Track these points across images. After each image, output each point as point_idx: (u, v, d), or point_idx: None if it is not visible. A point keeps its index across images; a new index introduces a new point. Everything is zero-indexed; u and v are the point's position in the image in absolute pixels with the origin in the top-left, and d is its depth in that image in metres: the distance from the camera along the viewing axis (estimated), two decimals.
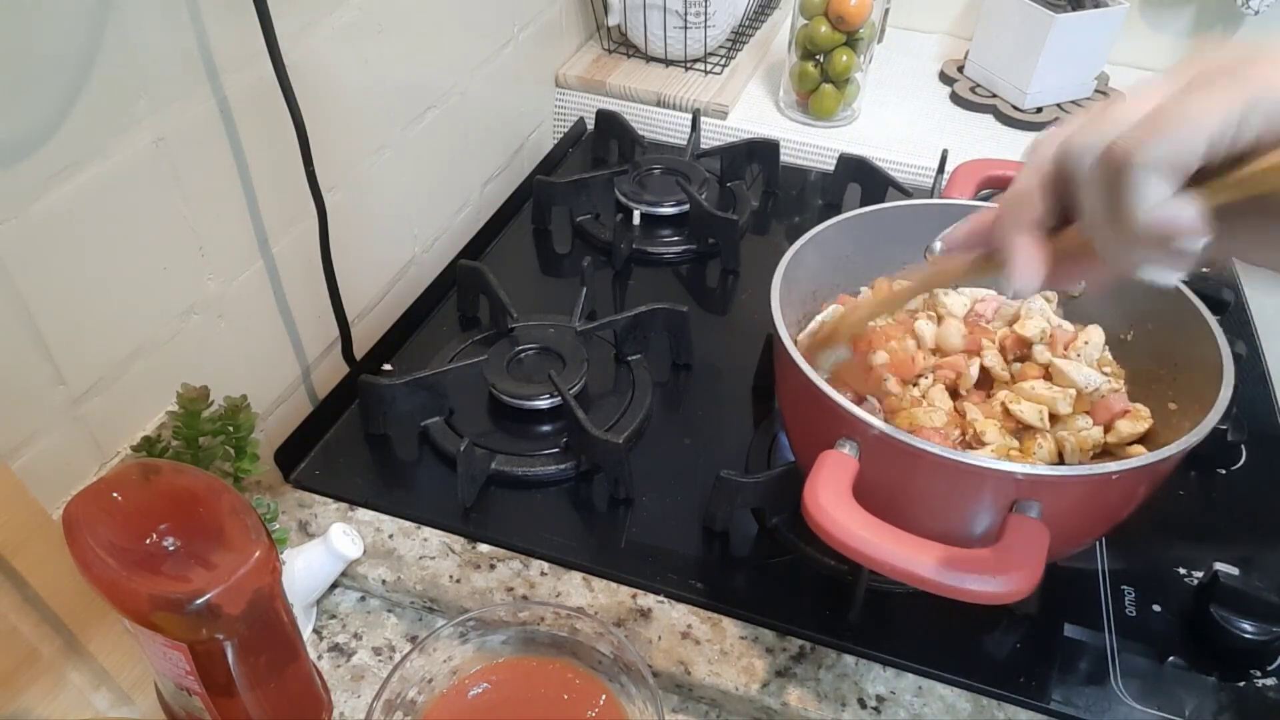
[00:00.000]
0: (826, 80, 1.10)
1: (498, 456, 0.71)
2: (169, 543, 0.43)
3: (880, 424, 0.51)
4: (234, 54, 0.62)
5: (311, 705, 0.53)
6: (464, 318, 0.87)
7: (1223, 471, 0.73)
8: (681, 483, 0.71)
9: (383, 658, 0.62)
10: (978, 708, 0.57)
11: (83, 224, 0.54)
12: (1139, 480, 0.53)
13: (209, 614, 0.42)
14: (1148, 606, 0.62)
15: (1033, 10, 1.10)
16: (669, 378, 0.81)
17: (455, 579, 0.64)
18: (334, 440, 0.74)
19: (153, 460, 0.57)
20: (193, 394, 0.59)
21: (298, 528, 0.67)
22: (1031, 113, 1.15)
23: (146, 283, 0.60)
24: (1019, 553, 0.47)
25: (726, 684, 0.58)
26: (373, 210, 0.83)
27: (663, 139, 1.15)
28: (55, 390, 0.55)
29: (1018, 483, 0.49)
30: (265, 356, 0.74)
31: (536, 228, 1.00)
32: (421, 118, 0.87)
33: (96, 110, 0.53)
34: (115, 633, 0.51)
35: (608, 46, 1.23)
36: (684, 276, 0.94)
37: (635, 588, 0.63)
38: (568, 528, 0.67)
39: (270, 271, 0.71)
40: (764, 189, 1.06)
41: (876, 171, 0.99)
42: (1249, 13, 1.16)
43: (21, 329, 0.52)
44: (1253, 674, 0.58)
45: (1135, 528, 0.58)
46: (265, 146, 0.67)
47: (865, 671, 0.59)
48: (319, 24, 0.70)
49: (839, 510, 0.49)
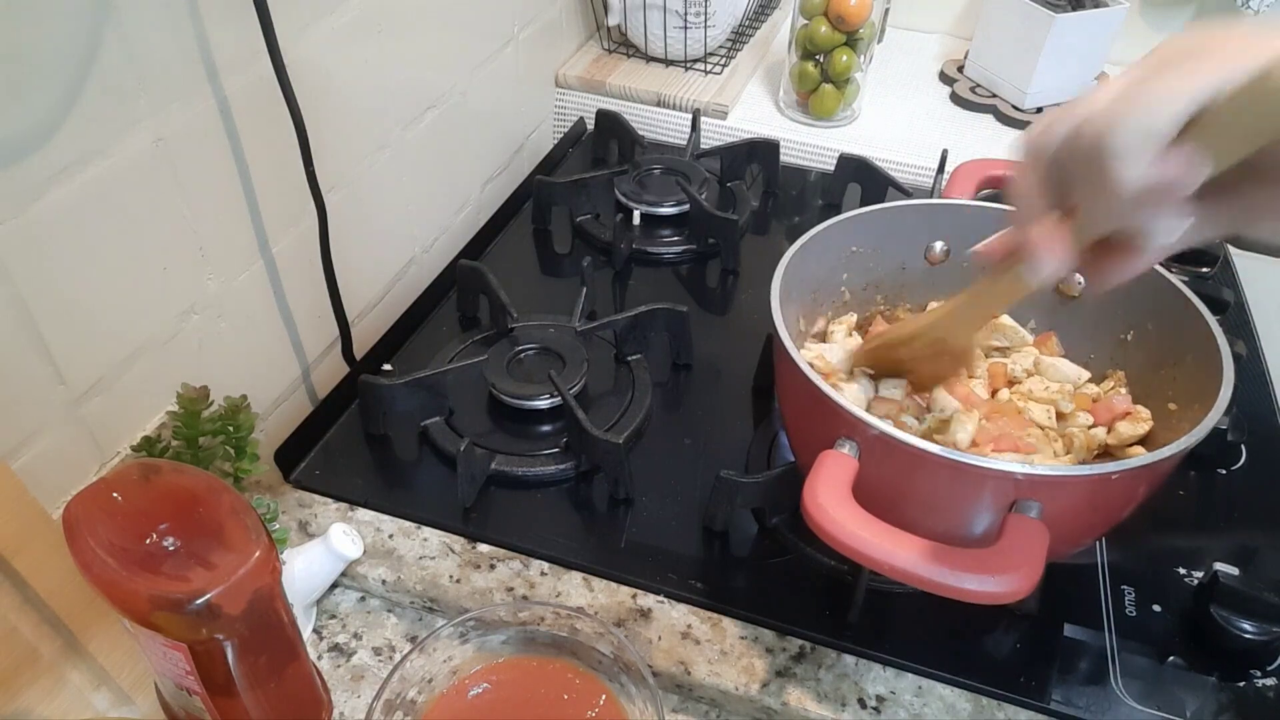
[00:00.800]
0: (826, 80, 1.10)
1: (498, 456, 0.71)
2: (169, 543, 0.43)
3: (880, 424, 0.51)
4: (234, 54, 0.62)
5: (311, 705, 0.53)
6: (464, 318, 0.87)
7: (1223, 471, 0.73)
8: (681, 483, 0.71)
9: (383, 658, 0.62)
10: (978, 708, 0.57)
11: (83, 224, 0.54)
12: (1139, 480, 0.53)
13: (209, 614, 0.42)
14: (1148, 606, 0.62)
15: (1033, 10, 1.10)
16: (669, 378, 0.81)
17: (455, 579, 0.64)
18: (334, 440, 0.74)
19: (153, 460, 0.57)
20: (193, 394, 0.59)
21: (298, 528, 0.67)
22: (1032, 113, 1.15)
23: (146, 283, 0.60)
24: (1018, 553, 0.47)
25: (726, 684, 0.58)
26: (373, 210, 0.83)
27: (663, 139, 1.15)
28: (55, 390, 0.55)
29: (1017, 483, 0.49)
30: (265, 356, 0.74)
31: (536, 228, 1.00)
32: (421, 118, 0.88)
33: (96, 110, 0.53)
34: (115, 633, 0.51)
35: (608, 46, 1.23)
36: (684, 276, 0.94)
37: (635, 588, 0.63)
38: (568, 528, 0.67)
39: (270, 271, 0.72)
40: (764, 189, 1.06)
41: (876, 171, 0.99)
42: (1249, 12, 1.16)
43: (21, 329, 0.52)
44: (1253, 674, 0.58)
45: (1135, 528, 0.58)
46: (265, 146, 0.67)
47: (865, 671, 0.59)
48: (319, 24, 0.70)
49: (838, 510, 0.49)
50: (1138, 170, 0.36)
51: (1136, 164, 0.35)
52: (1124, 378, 0.66)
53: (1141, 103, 0.35)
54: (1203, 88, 0.34)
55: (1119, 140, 0.35)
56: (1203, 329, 0.58)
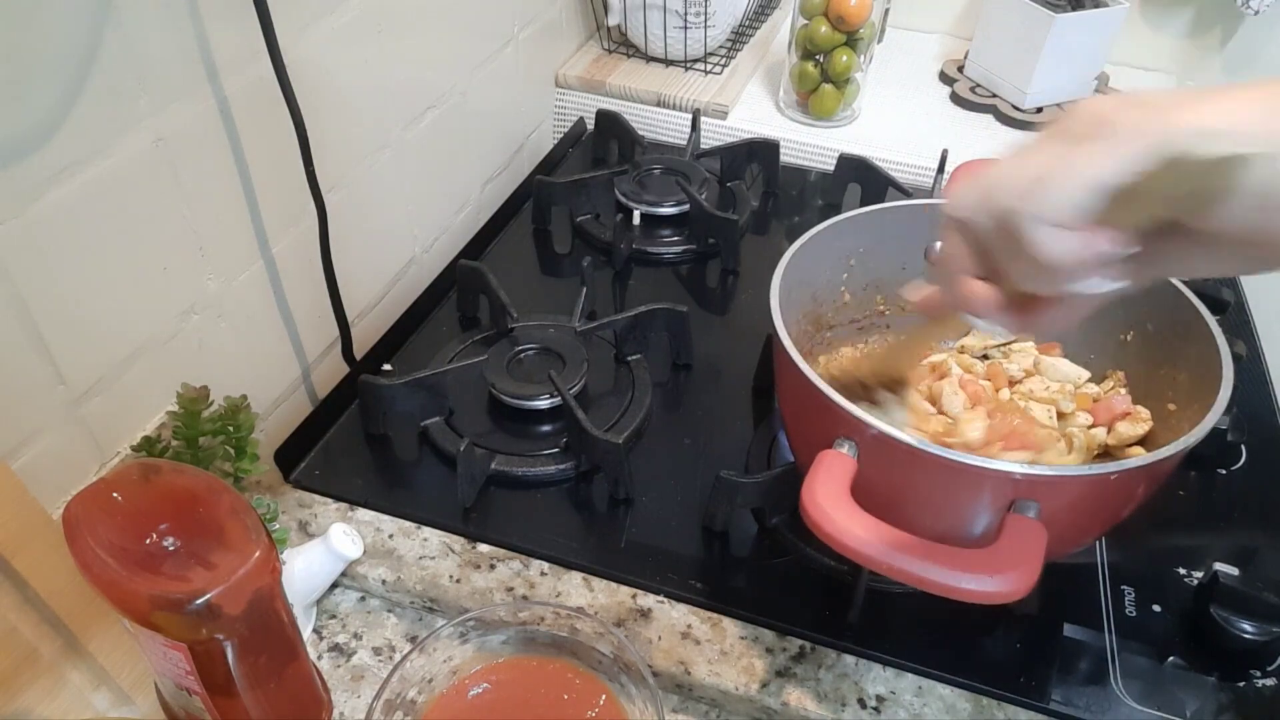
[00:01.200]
0: (826, 80, 1.10)
1: (498, 456, 0.71)
2: (169, 543, 0.43)
3: (878, 424, 0.51)
4: (234, 54, 0.62)
5: (311, 705, 0.53)
6: (464, 318, 0.87)
7: (1223, 471, 0.73)
8: (681, 483, 0.71)
9: (383, 658, 0.62)
10: (978, 708, 0.57)
11: (83, 224, 0.54)
12: (1138, 480, 0.53)
13: (209, 614, 0.42)
14: (1148, 606, 0.62)
15: (1033, 10, 1.10)
16: (669, 378, 0.81)
17: (455, 579, 0.64)
18: (334, 440, 0.74)
19: (153, 460, 0.57)
20: (193, 394, 0.59)
21: (298, 528, 0.67)
22: (1032, 113, 1.15)
23: (146, 283, 0.60)
24: (1017, 552, 0.47)
25: (726, 684, 0.58)
26: (373, 210, 0.83)
27: (663, 139, 1.15)
28: (55, 390, 0.55)
29: (1016, 483, 0.49)
30: (265, 356, 0.74)
31: (536, 228, 1.00)
32: (421, 118, 0.88)
33: (96, 110, 0.53)
34: (115, 633, 0.51)
35: (608, 46, 1.23)
36: (684, 276, 0.94)
37: (635, 588, 0.63)
38: (568, 528, 0.67)
39: (270, 271, 0.72)
40: (764, 189, 1.06)
41: (876, 171, 0.99)
42: (1249, 13, 1.16)
43: (21, 329, 0.52)
44: (1253, 674, 0.58)
45: (1135, 528, 0.58)
46: (265, 146, 0.67)
47: (865, 671, 0.59)
48: (319, 24, 0.70)
49: (837, 510, 0.49)
50: (1060, 249, 0.35)
51: (1059, 244, 0.35)
52: (1124, 378, 0.66)
53: (1053, 187, 0.35)
54: (1110, 173, 0.33)
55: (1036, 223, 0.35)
56: (1203, 329, 0.58)
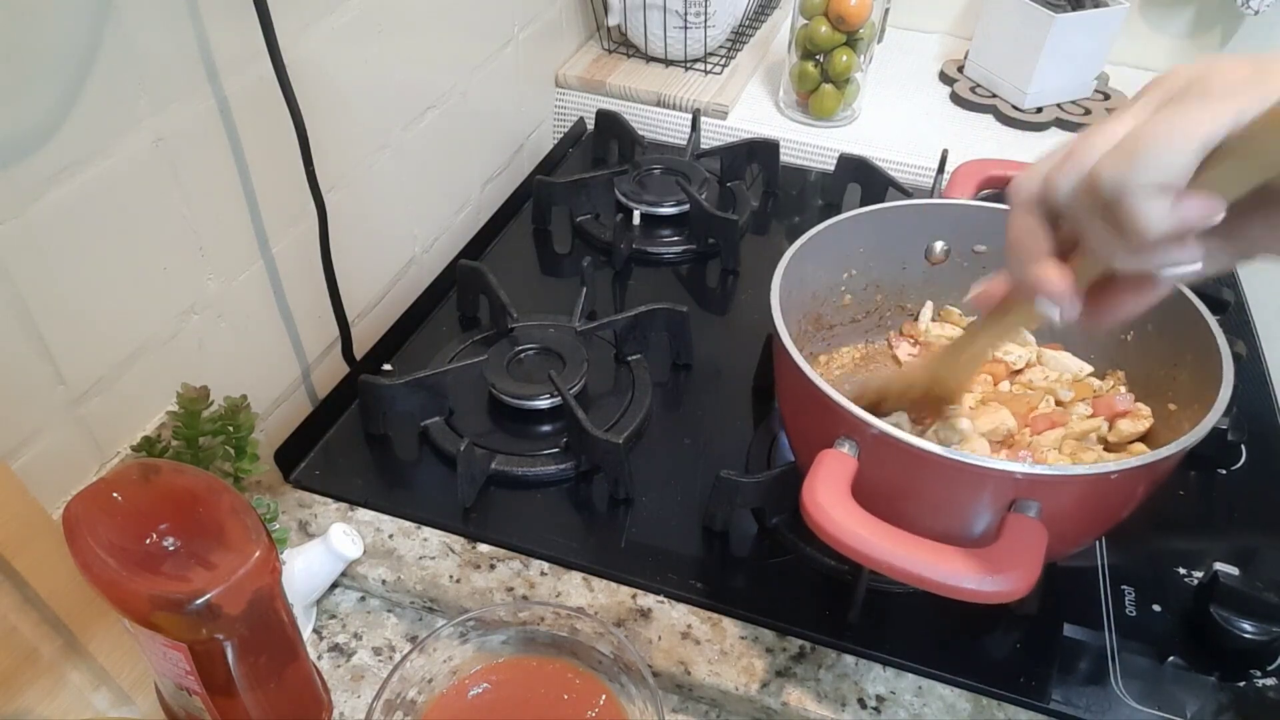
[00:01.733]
0: (826, 80, 1.10)
1: (498, 456, 0.71)
2: (169, 543, 0.43)
3: (878, 423, 0.51)
4: (234, 54, 0.62)
5: (311, 705, 0.53)
6: (464, 318, 0.87)
7: (1223, 471, 0.73)
8: (681, 483, 0.71)
9: (383, 658, 0.62)
10: (978, 708, 0.57)
11: (83, 224, 0.54)
12: (1138, 480, 0.53)
13: (209, 614, 0.42)
14: (1148, 606, 0.62)
15: (1033, 10, 1.10)
16: (669, 378, 0.81)
17: (455, 579, 0.64)
18: (334, 440, 0.74)
19: (153, 460, 0.57)
20: (193, 394, 0.59)
21: (298, 528, 0.67)
22: (1032, 113, 1.15)
23: (146, 283, 0.60)
24: (1017, 552, 0.47)
25: (726, 684, 0.58)
26: (373, 210, 0.83)
27: (663, 139, 1.15)
28: (55, 390, 0.55)
29: (1016, 482, 0.49)
30: (265, 356, 0.74)
31: (536, 228, 1.00)
32: (421, 118, 0.88)
33: (96, 110, 0.53)
34: (115, 633, 0.51)
35: (608, 46, 1.23)
36: (684, 276, 0.94)
37: (635, 588, 0.63)
38: (568, 528, 0.67)
39: (270, 271, 0.72)
40: (764, 189, 1.06)
41: (876, 171, 0.99)
42: (1249, 13, 1.16)
43: (21, 329, 0.52)
44: (1253, 674, 0.58)
45: (1135, 528, 0.58)
46: (265, 146, 0.67)
47: (865, 671, 0.59)
48: (319, 24, 0.70)
49: (837, 510, 0.49)
50: (1160, 215, 0.35)
51: (1159, 209, 0.35)
52: (1124, 378, 0.66)
53: (1156, 147, 0.34)
54: (1215, 129, 0.33)
55: (1139, 187, 0.34)
56: (1203, 329, 0.58)
